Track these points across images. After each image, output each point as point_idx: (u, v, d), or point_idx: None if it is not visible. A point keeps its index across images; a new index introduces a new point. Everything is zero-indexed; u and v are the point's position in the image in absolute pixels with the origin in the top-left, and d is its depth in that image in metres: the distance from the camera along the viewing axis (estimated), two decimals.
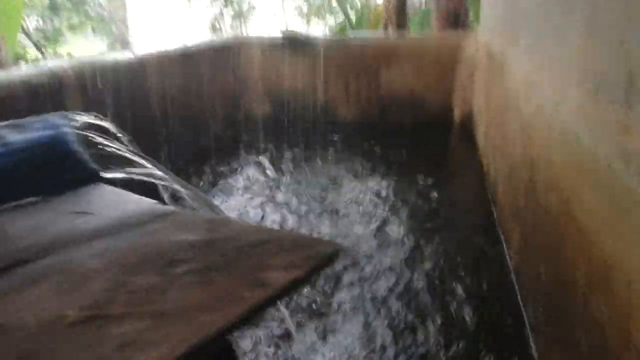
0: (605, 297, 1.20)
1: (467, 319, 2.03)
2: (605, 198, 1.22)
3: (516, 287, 2.20)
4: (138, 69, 3.52)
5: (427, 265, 2.46)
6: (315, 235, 2.74)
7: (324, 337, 1.94)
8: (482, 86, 4.15)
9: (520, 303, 2.09)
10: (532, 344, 1.85)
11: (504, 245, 2.59)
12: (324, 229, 2.86)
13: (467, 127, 4.81)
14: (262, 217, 3.07)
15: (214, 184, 3.65)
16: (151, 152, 1.45)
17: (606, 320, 1.19)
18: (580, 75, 1.48)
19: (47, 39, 8.46)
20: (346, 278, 2.34)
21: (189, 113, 4.28)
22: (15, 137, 1.04)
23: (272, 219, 3.04)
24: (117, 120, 3.15)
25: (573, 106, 1.52)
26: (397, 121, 5.29)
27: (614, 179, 1.17)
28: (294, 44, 5.21)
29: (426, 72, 5.08)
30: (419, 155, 4.25)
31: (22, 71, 2.69)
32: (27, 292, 0.67)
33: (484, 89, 4.00)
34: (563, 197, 1.56)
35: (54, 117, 1.16)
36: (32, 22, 8.72)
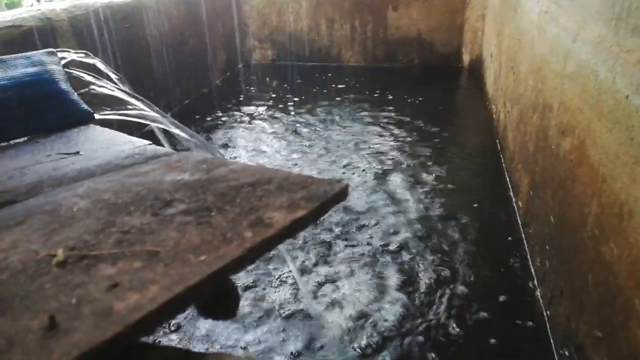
0: (618, 239, 1.17)
1: (473, 272, 2.02)
2: (622, 136, 1.17)
3: (524, 238, 2.19)
4: (134, 12, 3.36)
5: (432, 217, 2.43)
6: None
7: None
8: (493, 28, 3.98)
9: (528, 254, 2.08)
10: (539, 295, 1.85)
11: (512, 196, 2.55)
12: (334, 174, 2.82)
13: (476, 73, 4.67)
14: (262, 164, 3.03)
15: (214, 131, 3.59)
16: (149, 100, 1.40)
17: (617, 262, 1.17)
18: (599, 5, 1.40)
19: None
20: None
21: (188, 57, 4.15)
22: None
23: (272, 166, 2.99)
24: (113, 66, 3.06)
25: (591, 40, 1.44)
26: (404, 65, 5.14)
27: (632, 114, 1.11)
28: None
29: (435, 13, 4.87)
30: (426, 102, 4.14)
31: (11, 15, 2.56)
32: (13, 232, 0.64)
33: (495, 32, 3.84)
34: (576, 141, 1.51)
35: (39, 54, 1.08)
36: None
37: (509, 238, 2.23)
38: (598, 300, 1.30)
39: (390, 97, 4.26)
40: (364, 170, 2.89)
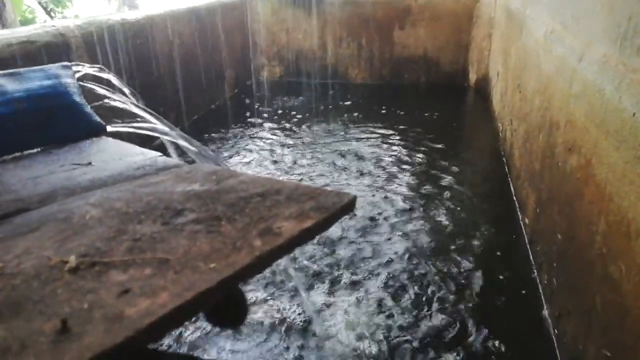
0: (626, 258, 1.16)
1: (478, 288, 2.01)
2: (629, 154, 1.17)
3: (530, 255, 2.17)
4: (145, 29, 3.43)
5: (438, 234, 2.43)
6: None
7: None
8: (499, 48, 4.02)
9: (535, 272, 2.06)
10: (546, 314, 1.83)
11: (519, 213, 2.55)
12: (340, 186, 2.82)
13: (483, 91, 4.69)
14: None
15: (222, 145, 3.62)
16: (159, 115, 1.43)
17: (625, 282, 1.16)
18: (605, 25, 1.42)
19: (54, 2, 8.32)
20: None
21: (199, 74, 4.21)
22: (13, 86, 1.00)
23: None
24: (124, 81, 3.11)
25: (597, 59, 1.46)
26: (410, 84, 5.18)
27: (638, 132, 1.12)
28: (304, 0, 5.07)
29: (441, 32, 4.93)
30: (432, 120, 4.17)
31: (26, 31, 2.62)
32: (25, 239, 0.65)
33: (501, 51, 3.87)
34: (583, 159, 1.52)
35: (54, 67, 1.11)
36: None
37: (516, 255, 2.22)
38: (606, 320, 1.28)
39: (397, 114, 4.29)
40: (369, 185, 2.90)
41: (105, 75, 1.28)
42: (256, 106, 4.70)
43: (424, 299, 1.93)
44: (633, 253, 1.13)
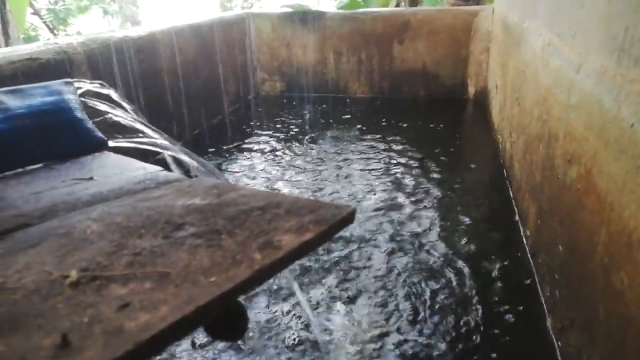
0: (628, 268, 1.16)
1: (480, 301, 2.00)
2: (629, 164, 1.17)
3: (533, 268, 2.16)
4: (148, 45, 3.47)
5: (438, 247, 2.42)
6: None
7: None
8: (497, 61, 4.05)
9: (537, 284, 2.05)
10: (549, 326, 1.82)
11: (520, 225, 2.54)
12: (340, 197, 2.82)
13: (482, 104, 4.72)
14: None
15: (223, 160, 3.63)
16: (162, 129, 1.45)
17: (628, 292, 1.16)
18: (602, 37, 1.43)
19: (58, 20, 8.43)
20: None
21: (200, 89, 4.25)
22: (15, 103, 1.01)
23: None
24: (128, 97, 3.14)
25: (595, 71, 1.47)
26: (410, 97, 5.21)
27: (638, 142, 1.13)
28: (303, 16, 5.13)
29: (440, 46, 4.97)
30: (432, 133, 4.18)
31: (29, 48, 2.65)
32: (27, 254, 0.65)
33: (499, 64, 3.90)
34: (583, 169, 1.52)
35: (56, 84, 1.12)
36: (42, 2, 8.67)
37: (518, 267, 2.20)
38: (610, 331, 1.27)
39: (396, 128, 4.31)
40: (367, 197, 2.90)
41: (105, 91, 1.29)
42: (257, 120, 4.73)
43: (423, 310, 1.91)
44: (635, 262, 1.13)
